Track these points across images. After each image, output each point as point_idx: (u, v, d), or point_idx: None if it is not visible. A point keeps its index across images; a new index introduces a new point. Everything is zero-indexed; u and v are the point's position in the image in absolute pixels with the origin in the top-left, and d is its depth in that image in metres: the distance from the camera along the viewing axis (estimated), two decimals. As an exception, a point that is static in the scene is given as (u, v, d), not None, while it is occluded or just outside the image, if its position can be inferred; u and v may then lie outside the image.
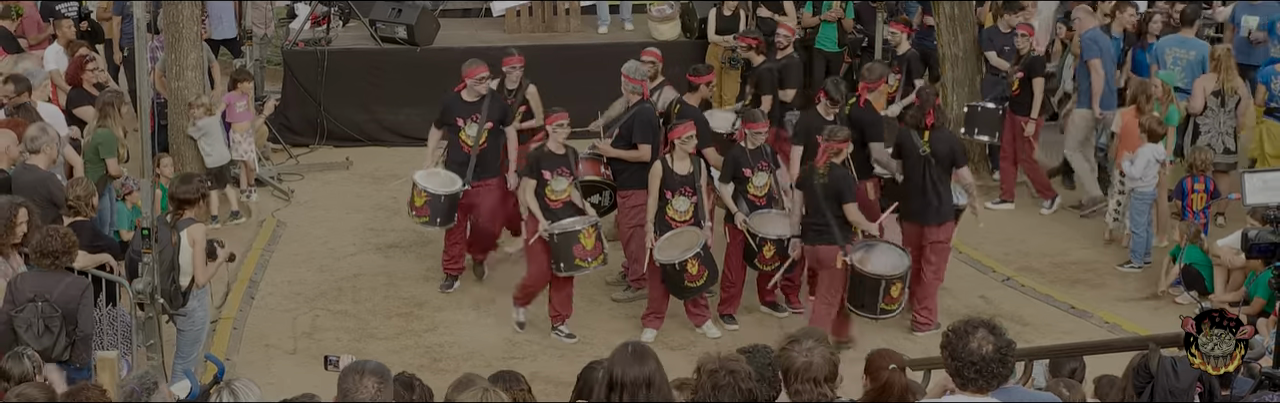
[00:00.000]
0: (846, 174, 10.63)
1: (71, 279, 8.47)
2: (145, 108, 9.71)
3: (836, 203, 10.47)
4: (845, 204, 10.47)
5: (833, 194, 10.46)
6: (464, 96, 11.71)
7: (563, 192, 11.00)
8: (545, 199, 10.98)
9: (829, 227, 10.54)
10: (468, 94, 11.68)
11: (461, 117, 11.67)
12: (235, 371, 10.28)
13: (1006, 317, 11.47)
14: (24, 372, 7.22)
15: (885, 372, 6.15)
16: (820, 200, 10.50)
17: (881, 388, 6.09)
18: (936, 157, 10.98)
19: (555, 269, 10.98)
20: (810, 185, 10.59)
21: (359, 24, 16.50)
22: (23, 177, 9.97)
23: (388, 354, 10.64)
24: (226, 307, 11.67)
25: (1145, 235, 12.50)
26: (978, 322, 5.15)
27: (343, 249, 13.08)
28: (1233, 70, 13.10)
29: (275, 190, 14.50)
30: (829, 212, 10.50)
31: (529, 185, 11.03)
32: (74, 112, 12.48)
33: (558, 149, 11.06)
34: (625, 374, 5.51)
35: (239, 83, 14.01)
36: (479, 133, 11.63)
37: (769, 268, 11.22)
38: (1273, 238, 6.19)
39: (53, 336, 8.22)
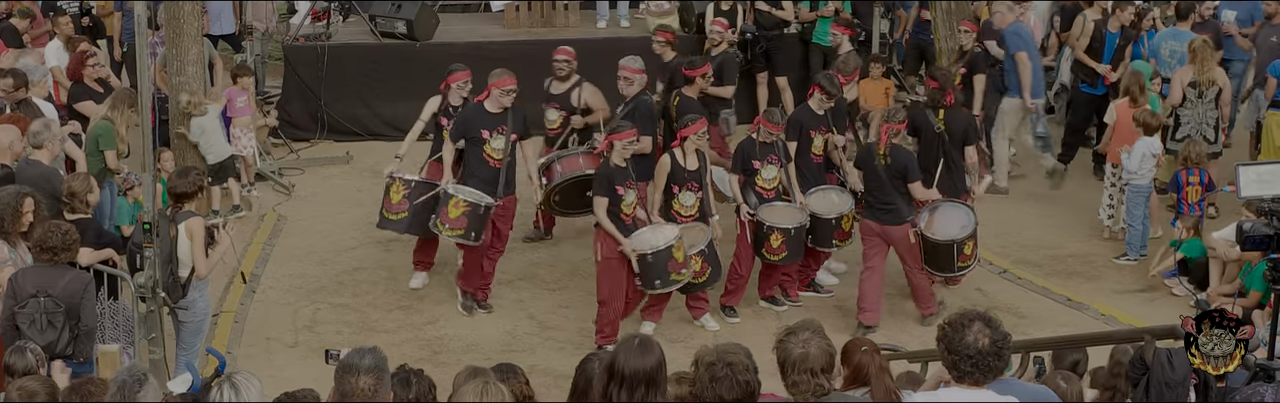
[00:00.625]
0: (908, 153, 11.03)
1: (74, 274, 8.47)
2: (146, 103, 9.71)
3: (902, 181, 10.83)
4: (910, 182, 10.83)
5: (898, 173, 10.82)
6: (488, 108, 11.16)
7: (633, 204, 10.70)
8: (619, 216, 10.64)
9: (896, 205, 10.90)
10: (491, 105, 11.14)
11: (486, 128, 11.12)
12: (236, 364, 10.29)
13: (1003, 309, 11.49)
14: (27, 366, 7.22)
15: (856, 355, 6.26)
16: (885, 181, 10.83)
17: (854, 370, 6.17)
18: (950, 134, 11.43)
19: (648, 286, 10.64)
20: (872, 166, 10.89)
21: (359, 19, 16.50)
22: (26, 172, 10.00)
23: (388, 347, 10.45)
24: (227, 301, 11.67)
25: (1141, 228, 12.51)
26: (973, 315, 5.16)
27: (343, 243, 13.08)
28: (1209, 62, 13.11)
29: (276, 185, 14.50)
30: (894, 191, 10.84)
31: (603, 204, 10.52)
32: (75, 107, 12.49)
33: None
34: (628, 365, 5.50)
35: (239, 78, 14.01)
36: (505, 146, 11.17)
37: (777, 259, 11.23)
38: (1267, 230, 6.18)
39: (56, 331, 8.23)
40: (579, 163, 11.69)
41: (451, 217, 10.92)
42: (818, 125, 11.52)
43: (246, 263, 12.51)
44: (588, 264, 12.45)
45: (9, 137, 10.20)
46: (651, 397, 5.49)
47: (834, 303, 11.84)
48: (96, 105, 12.49)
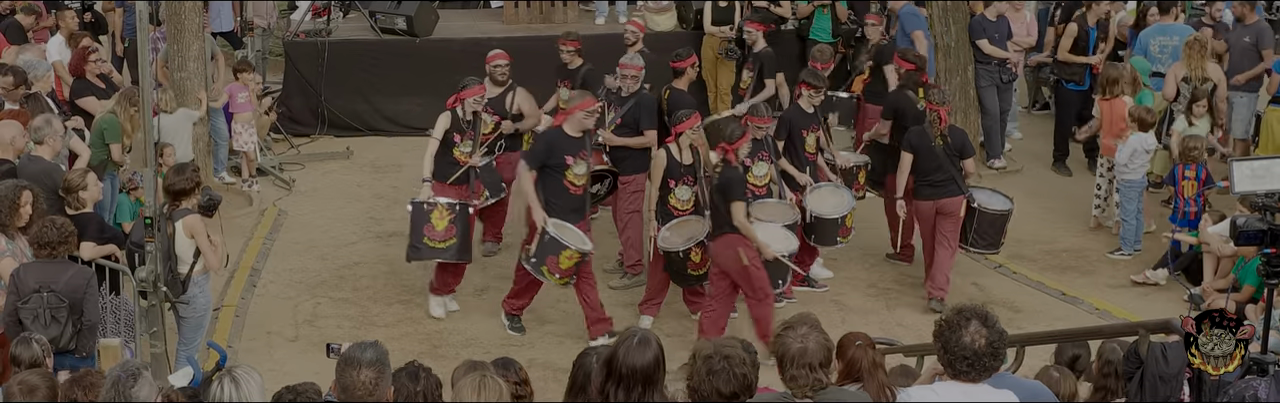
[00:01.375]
0: (962, 131, 11.64)
1: (76, 270, 8.48)
2: (148, 99, 9.71)
3: (960, 158, 11.32)
4: (965, 159, 11.35)
5: (956, 150, 11.30)
6: (568, 132, 10.43)
7: (582, 175, 10.72)
8: (668, 206, 10.75)
9: (953, 180, 11.30)
10: (571, 129, 10.44)
11: (571, 154, 10.44)
12: (237, 358, 10.29)
13: (999, 304, 11.49)
14: (33, 356, 7.24)
15: (850, 349, 6.28)
16: (943, 159, 11.25)
17: (847, 364, 6.20)
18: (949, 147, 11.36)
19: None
20: (928, 146, 11.26)
21: (359, 15, 16.50)
22: (28, 167, 9.99)
23: (388, 341, 10.40)
24: (228, 295, 11.66)
25: (1135, 223, 12.50)
26: (970, 313, 5.10)
27: (343, 238, 13.07)
28: (1201, 57, 13.12)
29: (277, 180, 14.50)
30: (951, 167, 11.25)
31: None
32: (77, 102, 12.48)
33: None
34: (626, 360, 5.49)
35: (240, 73, 14.01)
36: (587, 171, 10.67)
37: None
38: (1261, 225, 6.18)
39: (60, 326, 8.23)
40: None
41: (562, 267, 10.36)
42: (809, 124, 11.48)
43: (247, 257, 12.51)
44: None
45: (11, 132, 10.19)
46: (649, 396, 5.49)
47: (830, 298, 11.83)
48: (98, 101, 12.48)
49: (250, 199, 13.86)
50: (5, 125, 10.32)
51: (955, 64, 14.43)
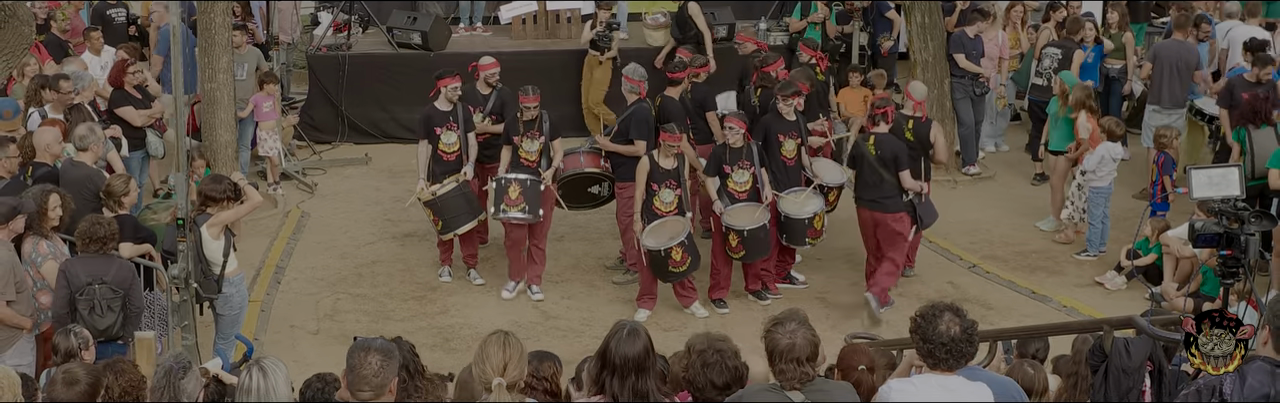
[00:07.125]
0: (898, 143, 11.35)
1: (120, 262, 8.62)
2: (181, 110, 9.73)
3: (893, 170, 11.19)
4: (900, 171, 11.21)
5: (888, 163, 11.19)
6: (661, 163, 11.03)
7: (745, 183, 11.08)
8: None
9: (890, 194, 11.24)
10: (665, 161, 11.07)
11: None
12: (263, 349, 10.33)
13: (973, 301, 11.50)
14: (70, 347, 7.33)
15: (855, 372, 6.27)
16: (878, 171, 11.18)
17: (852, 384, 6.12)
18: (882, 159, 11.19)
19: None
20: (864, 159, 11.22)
21: (377, 31, 16.52)
22: (70, 172, 10.00)
23: (403, 334, 10.53)
24: (255, 291, 11.67)
25: (1101, 227, 12.52)
26: (942, 306, 5.26)
27: (362, 238, 13.09)
28: None
29: (300, 184, 14.52)
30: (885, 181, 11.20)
31: (714, 182, 11.18)
32: (116, 112, 12.48)
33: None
34: (618, 350, 5.55)
35: (265, 84, 14.03)
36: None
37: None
38: (1218, 228, 6.21)
39: (114, 314, 8.40)
40: (580, 161, 11.73)
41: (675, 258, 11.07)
42: (788, 130, 11.40)
43: (272, 256, 12.52)
44: (588, 259, 12.52)
45: (48, 137, 10.20)
46: (641, 383, 5.54)
47: (814, 294, 11.85)
48: (136, 111, 12.50)
49: (275, 202, 13.88)
50: (43, 131, 10.33)
51: (933, 77, 14.46)
